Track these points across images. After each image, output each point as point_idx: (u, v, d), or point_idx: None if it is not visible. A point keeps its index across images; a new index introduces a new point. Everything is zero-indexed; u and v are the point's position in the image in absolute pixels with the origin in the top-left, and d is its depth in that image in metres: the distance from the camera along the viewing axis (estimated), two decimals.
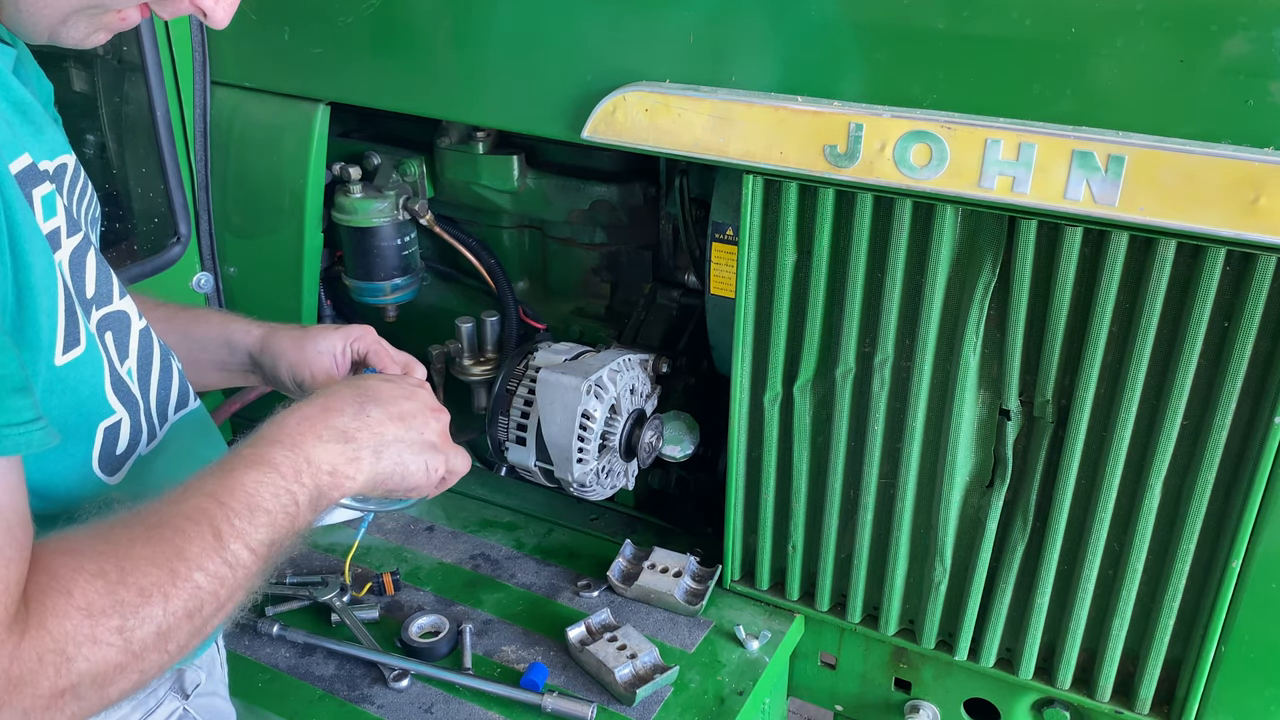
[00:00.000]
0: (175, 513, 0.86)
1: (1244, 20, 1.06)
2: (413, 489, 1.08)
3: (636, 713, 1.43)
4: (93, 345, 0.95)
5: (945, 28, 1.20)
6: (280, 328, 1.35)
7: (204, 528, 0.85)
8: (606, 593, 1.66)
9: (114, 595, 0.78)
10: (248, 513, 0.88)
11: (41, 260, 0.87)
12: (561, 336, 1.86)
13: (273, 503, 0.91)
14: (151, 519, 0.85)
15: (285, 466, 0.94)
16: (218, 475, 0.91)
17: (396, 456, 1.04)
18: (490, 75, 1.53)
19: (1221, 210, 1.10)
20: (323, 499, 0.97)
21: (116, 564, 0.80)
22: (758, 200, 1.39)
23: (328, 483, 0.97)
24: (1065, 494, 1.35)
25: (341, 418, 1.01)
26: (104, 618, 0.77)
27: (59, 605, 0.76)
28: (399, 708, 1.44)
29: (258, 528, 0.89)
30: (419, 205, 1.82)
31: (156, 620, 0.80)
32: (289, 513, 0.92)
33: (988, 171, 1.20)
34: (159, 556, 0.82)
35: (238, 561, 0.86)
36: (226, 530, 0.86)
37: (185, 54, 1.72)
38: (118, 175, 1.84)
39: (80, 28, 0.93)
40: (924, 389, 1.39)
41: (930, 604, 1.51)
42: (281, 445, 0.95)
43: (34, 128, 0.98)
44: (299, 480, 0.94)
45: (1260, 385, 1.21)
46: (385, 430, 1.04)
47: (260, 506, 0.90)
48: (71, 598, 0.76)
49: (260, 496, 0.90)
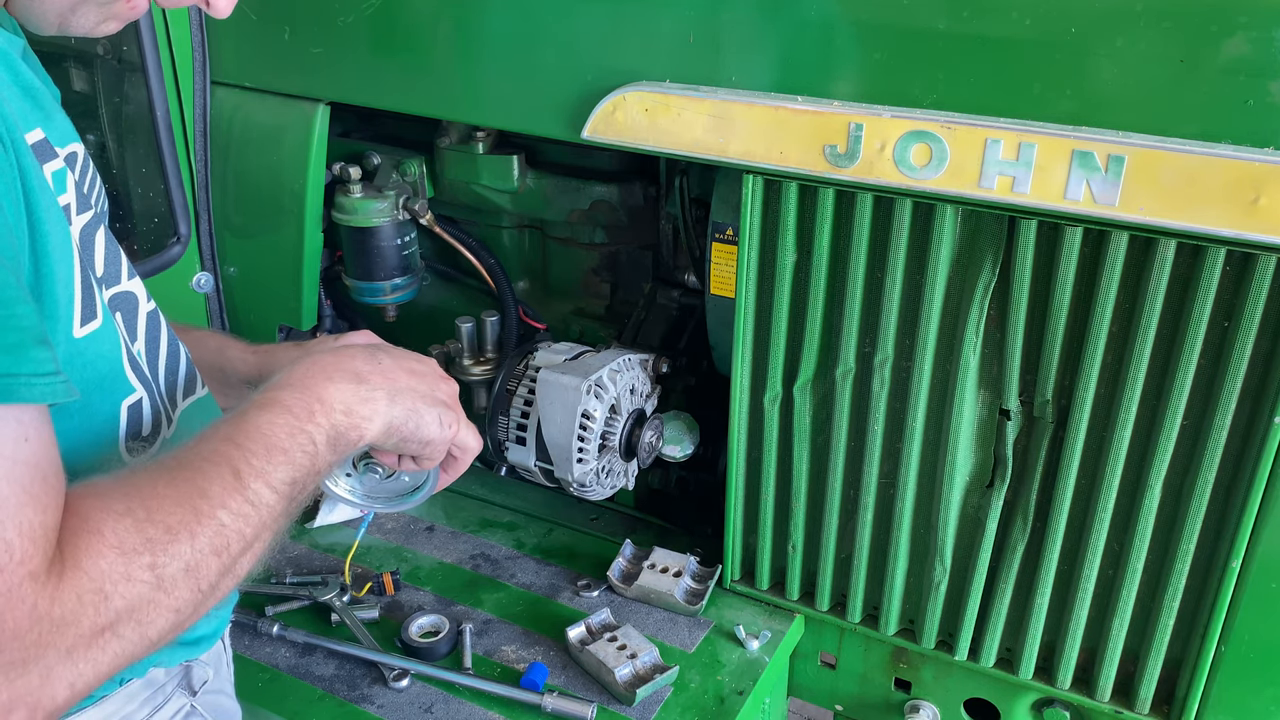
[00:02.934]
0: (194, 456, 0.87)
1: (1244, 20, 1.06)
2: (428, 442, 1.07)
3: (636, 713, 1.43)
4: (109, 320, 0.95)
5: (945, 28, 1.20)
6: (277, 348, 1.35)
7: (223, 469, 0.86)
8: (606, 593, 1.66)
9: (143, 533, 0.79)
10: (265, 452, 0.89)
11: (58, 231, 0.86)
12: (561, 336, 1.86)
13: (289, 442, 0.92)
14: (171, 464, 0.86)
15: (298, 407, 0.94)
16: (232, 420, 0.92)
17: (410, 404, 1.04)
18: (490, 75, 1.53)
19: (1221, 210, 1.10)
20: (341, 439, 0.97)
21: (143, 504, 0.81)
22: (758, 200, 1.39)
23: (343, 422, 0.97)
24: (1065, 494, 1.35)
25: (353, 361, 1.02)
26: (136, 555, 0.78)
27: (93, 545, 0.77)
28: (399, 708, 1.44)
29: (276, 466, 0.90)
30: (419, 205, 1.82)
31: (185, 556, 0.81)
32: (307, 451, 0.93)
33: (988, 171, 1.20)
34: (182, 496, 0.83)
35: (260, 500, 0.87)
36: (245, 470, 0.87)
37: (185, 54, 1.72)
38: (118, 175, 1.84)
39: (90, 16, 0.93)
40: (924, 389, 1.39)
41: (930, 604, 1.51)
42: (292, 388, 0.96)
43: (44, 113, 0.97)
44: (313, 420, 0.94)
45: (1260, 385, 1.21)
46: (398, 378, 1.04)
47: (277, 446, 0.90)
48: (104, 537, 0.77)
49: (276, 436, 0.91)
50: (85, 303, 0.91)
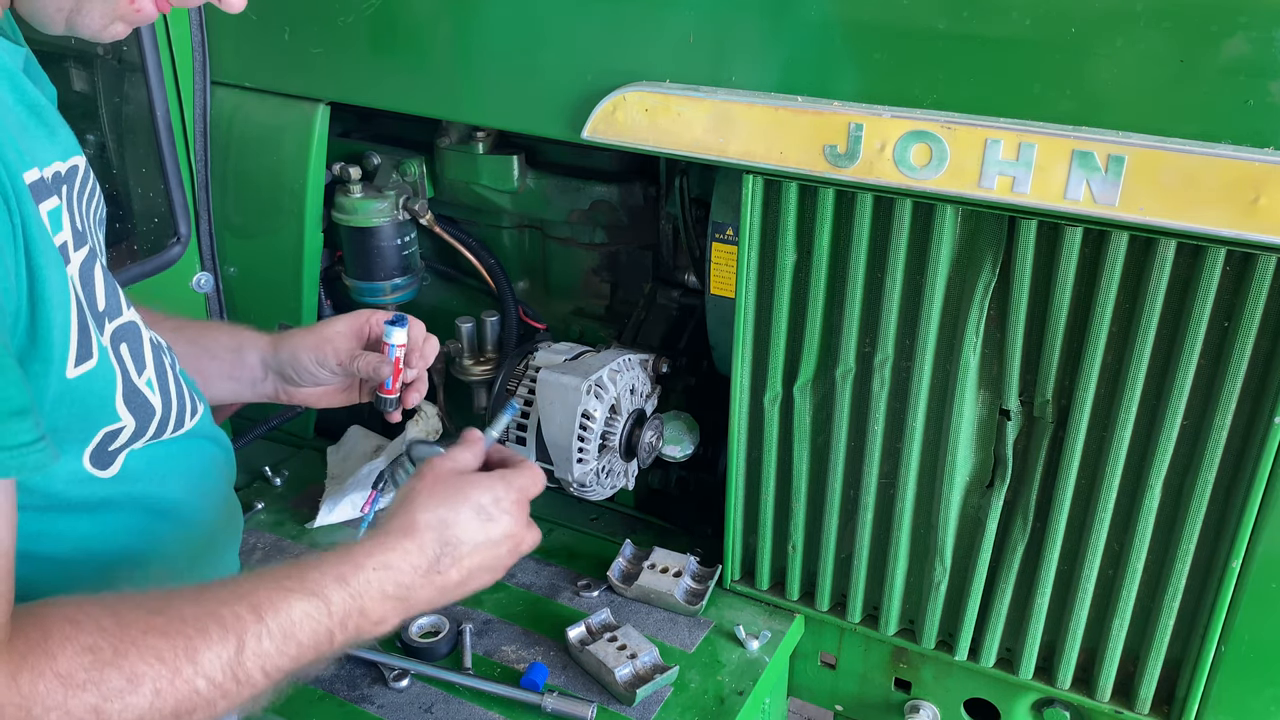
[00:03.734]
0: (207, 613, 0.85)
1: (1244, 20, 1.06)
2: None
3: (636, 713, 1.43)
4: (105, 359, 0.96)
5: (945, 28, 1.20)
6: (290, 332, 1.37)
7: (229, 638, 0.84)
8: (606, 593, 1.66)
9: (99, 674, 0.77)
10: (281, 638, 0.88)
11: (56, 274, 0.87)
12: (561, 336, 1.86)
13: (309, 638, 0.91)
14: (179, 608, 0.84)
15: (338, 609, 0.93)
16: (270, 590, 0.90)
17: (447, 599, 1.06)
18: (490, 75, 1.53)
19: (1221, 210, 1.10)
20: (359, 640, 0.97)
21: (115, 645, 0.79)
22: (758, 200, 1.39)
23: (370, 631, 0.98)
24: (1065, 494, 1.35)
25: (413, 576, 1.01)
26: (80, 692, 0.76)
27: (39, 665, 0.75)
28: (399, 708, 1.44)
29: (284, 656, 0.88)
30: (419, 205, 1.82)
31: (139, 710, 0.79)
32: (321, 650, 0.92)
33: (988, 171, 1.20)
34: (168, 650, 0.81)
35: (248, 680, 0.85)
36: (251, 647, 0.85)
37: (185, 54, 1.72)
38: (118, 175, 1.84)
39: (96, 14, 0.92)
40: (924, 389, 1.39)
41: (930, 604, 1.51)
42: (344, 588, 0.95)
43: (48, 129, 0.98)
44: (344, 626, 0.94)
45: (1260, 385, 1.21)
46: (449, 582, 1.04)
47: (294, 638, 0.89)
48: (54, 662, 0.76)
49: (301, 629, 0.90)
50: (81, 343, 0.91)
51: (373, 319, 1.37)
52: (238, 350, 1.36)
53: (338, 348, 1.33)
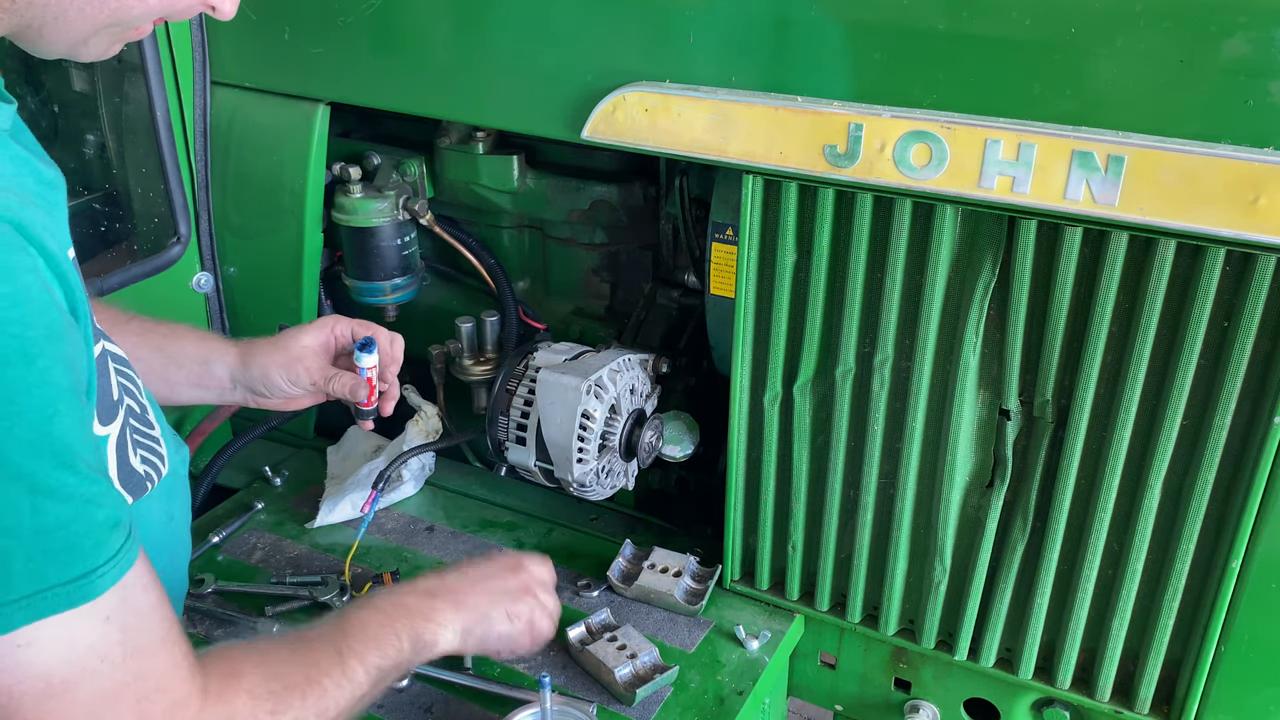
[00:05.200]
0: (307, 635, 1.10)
1: (1244, 20, 1.06)
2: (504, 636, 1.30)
3: (636, 713, 1.43)
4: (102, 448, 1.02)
5: (945, 28, 1.20)
6: (254, 341, 1.43)
7: (329, 648, 1.08)
8: (606, 593, 1.66)
9: (269, 686, 0.99)
10: (361, 638, 1.11)
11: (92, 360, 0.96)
12: (561, 336, 1.86)
13: (380, 633, 1.14)
14: (291, 638, 1.10)
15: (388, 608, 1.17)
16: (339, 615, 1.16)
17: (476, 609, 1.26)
18: (490, 75, 1.53)
19: (1221, 210, 1.10)
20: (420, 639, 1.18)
21: (271, 666, 1.02)
22: (758, 200, 1.39)
23: (421, 625, 1.19)
24: (1065, 494, 1.35)
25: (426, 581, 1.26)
26: (261, 701, 0.98)
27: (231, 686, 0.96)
28: (399, 708, 1.44)
29: (369, 651, 1.11)
30: (419, 205, 1.82)
31: (296, 710, 1.00)
32: (394, 645, 1.14)
33: (988, 171, 1.20)
34: (300, 662, 1.05)
35: (354, 677, 1.08)
36: (346, 651, 1.09)
37: (185, 54, 1.72)
38: (118, 175, 1.84)
39: (101, 44, 0.97)
40: (924, 389, 1.39)
41: (930, 604, 1.51)
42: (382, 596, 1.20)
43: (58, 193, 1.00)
44: (398, 621, 1.16)
45: (1260, 385, 1.21)
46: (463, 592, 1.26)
47: (370, 636, 1.12)
48: (240, 682, 0.97)
49: (370, 628, 1.13)
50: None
51: (337, 329, 1.45)
52: (205, 362, 1.41)
53: (309, 366, 1.42)
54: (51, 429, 0.82)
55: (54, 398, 0.82)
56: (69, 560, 0.84)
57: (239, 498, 1.90)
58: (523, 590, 1.31)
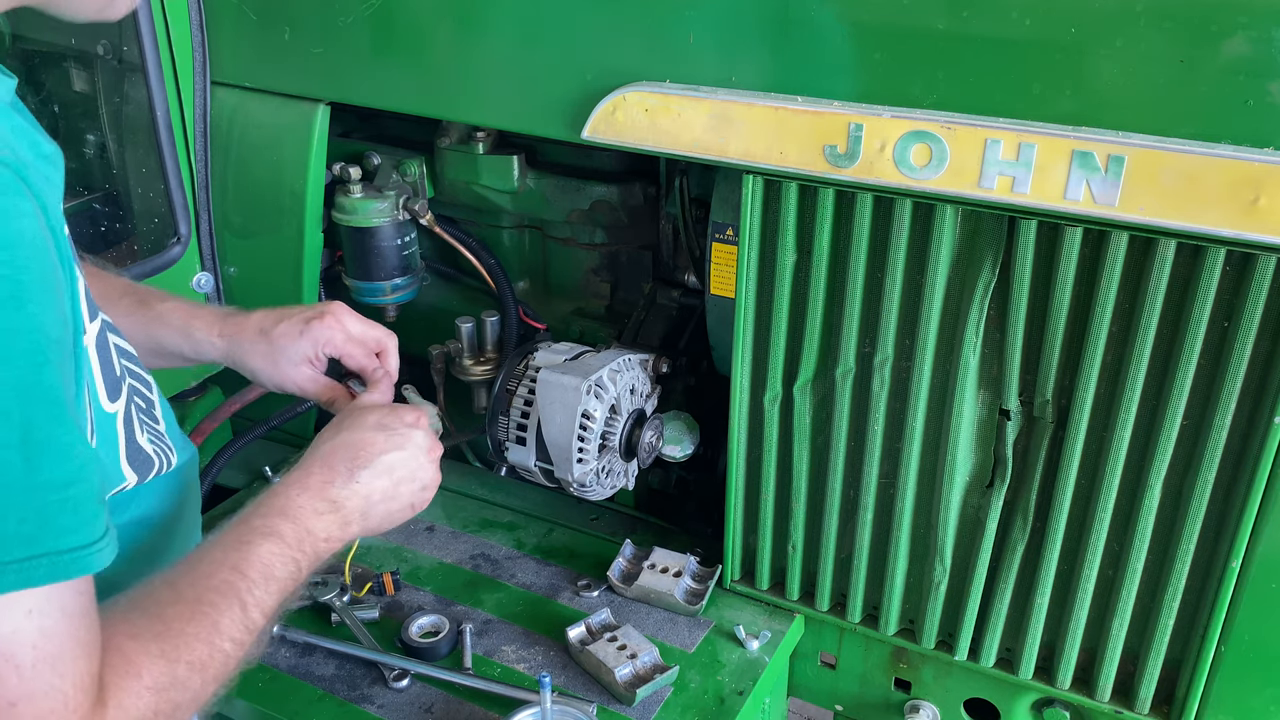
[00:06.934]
0: (207, 588, 0.97)
1: (1244, 20, 1.06)
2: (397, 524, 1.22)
3: (636, 713, 1.43)
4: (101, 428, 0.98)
5: (945, 28, 1.20)
6: (243, 336, 1.37)
7: (233, 601, 0.97)
8: (606, 593, 1.66)
9: (172, 673, 0.89)
10: (264, 582, 1.01)
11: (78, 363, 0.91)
12: (561, 336, 1.86)
13: (282, 570, 1.03)
14: (189, 594, 0.96)
15: (290, 538, 1.06)
16: (238, 549, 1.02)
17: (383, 511, 1.18)
18: (490, 75, 1.53)
19: (1221, 210, 1.10)
20: (318, 560, 1.10)
21: (172, 643, 0.90)
22: (758, 200, 1.39)
23: (323, 548, 1.11)
24: (1065, 494, 1.35)
25: (333, 488, 1.14)
26: (166, 693, 0.88)
27: (132, 687, 0.85)
28: (399, 708, 1.44)
29: (272, 594, 1.01)
30: (419, 205, 1.82)
31: (196, 687, 0.91)
32: (294, 577, 1.05)
33: (988, 171, 1.20)
34: (202, 632, 0.93)
35: (255, 626, 0.99)
36: (250, 601, 0.98)
37: (185, 54, 1.72)
38: (118, 175, 1.84)
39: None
40: (924, 389, 1.39)
41: (930, 604, 1.51)
42: (287, 518, 1.08)
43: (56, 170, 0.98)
44: (301, 549, 1.07)
45: (1260, 385, 1.21)
46: (373, 492, 1.16)
47: (274, 575, 1.02)
48: (142, 679, 0.86)
49: (274, 567, 1.02)
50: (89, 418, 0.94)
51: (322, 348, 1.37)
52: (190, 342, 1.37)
53: (298, 383, 1.37)
54: (41, 377, 0.76)
55: (43, 345, 0.77)
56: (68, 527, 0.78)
57: (239, 497, 1.90)
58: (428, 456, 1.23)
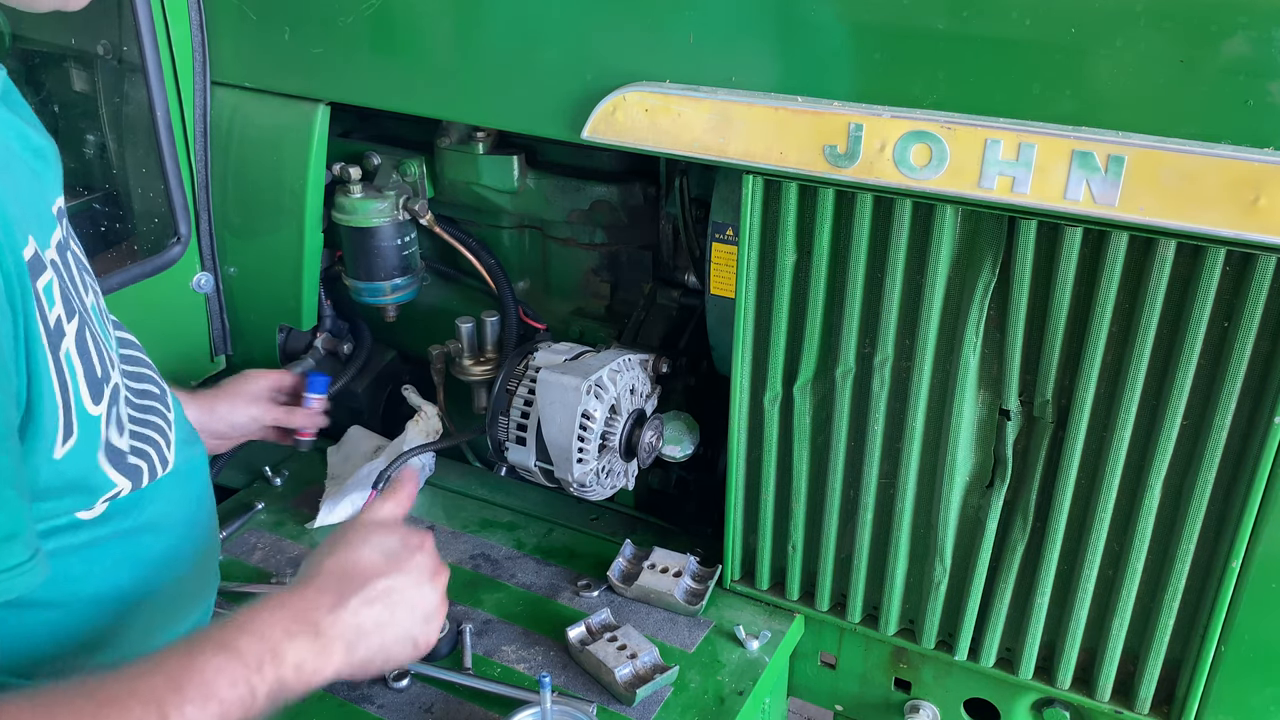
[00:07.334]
0: (128, 690, 0.85)
1: (1244, 20, 1.06)
2: (398, 665, 1.09)
3: (636, 713, 1.43)
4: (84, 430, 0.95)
5: (945, 28, 1.20)
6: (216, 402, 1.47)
7: (150, 711, 0.83)
8: (606, 593, 1.66)
9: None
10: (200, 700, 0.86)
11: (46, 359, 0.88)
12: (561, 336, 1.86)
13: (229, 692, 0.89)
14: (100, 697, 0.83)
15: (250, 657, 0.91)
16: (181, 656, 0.89)
17: (376, 644, 1.03)
18: (490, 75, 1.53)
19: (1221, 210, 1.10)
20: (285, 693, 0.94)
21: None
22: (758, 200, 1.39)
23: (292, 677, 0.94)
24: (1065, 494, 1.35)
25: (317, 612, 0.99)
26: None
27: None
28: (399, 708, 1.44)
29: (208, 716, 0.87)
30: (419, 205, 1.82)
31: None
32: (244, 703, 0.90)
33: (988, 171, 1.20)
34: None
35: None
36: (174, 716, 0.84)
37: (185, 54, 1.72)
38: (118, 175, 1.84)
39: None
40: (924, 389, 1.39)
41: (930, 604, 1.51)
42: (251, 634, 0.93)
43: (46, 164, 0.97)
44: (260, 672, 0.91)
45: (1260, 385, 1.21)
46: (365, 619, 1.01)
47: (215, 695, 0.87)
48: None
49: (218, 685, 0.88)
50: (65, 421, 0.92)
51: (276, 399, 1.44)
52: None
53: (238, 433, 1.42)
54: None
55: None
56: None
57: (239, 498, 1.90)
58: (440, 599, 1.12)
